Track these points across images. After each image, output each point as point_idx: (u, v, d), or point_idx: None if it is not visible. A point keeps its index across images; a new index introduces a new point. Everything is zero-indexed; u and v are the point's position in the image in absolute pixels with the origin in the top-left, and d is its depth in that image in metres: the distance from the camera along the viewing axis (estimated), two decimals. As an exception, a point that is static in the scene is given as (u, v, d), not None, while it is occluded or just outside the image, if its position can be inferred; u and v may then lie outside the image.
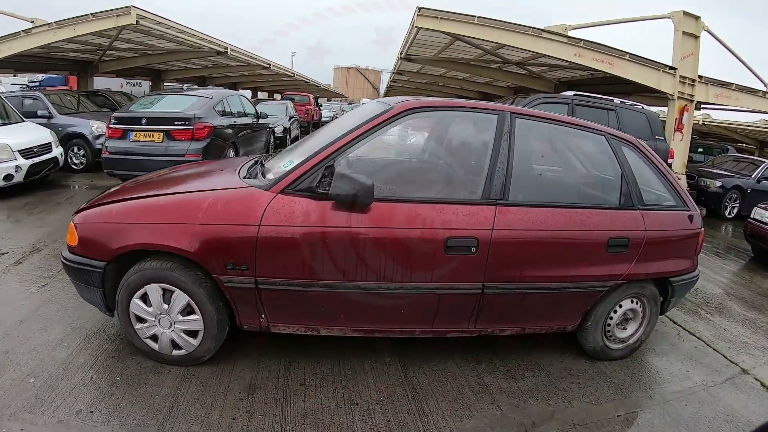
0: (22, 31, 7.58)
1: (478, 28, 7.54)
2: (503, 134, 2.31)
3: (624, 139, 2.65)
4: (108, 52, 11.44)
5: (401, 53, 11.61)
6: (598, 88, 9.16)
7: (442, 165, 2.87)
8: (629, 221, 2.46)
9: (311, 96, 20.05)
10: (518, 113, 2.44)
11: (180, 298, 2.11)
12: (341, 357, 2.45)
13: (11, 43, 7.57)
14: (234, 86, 22.40)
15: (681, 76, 7.33)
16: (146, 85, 18.07)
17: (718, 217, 7.66)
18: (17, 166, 5.48)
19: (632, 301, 2.62)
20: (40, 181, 6.16)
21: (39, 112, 7.10)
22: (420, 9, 7.51)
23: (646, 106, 7.09)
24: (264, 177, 2.21)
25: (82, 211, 2.30)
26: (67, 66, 11.98)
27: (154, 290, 2.12)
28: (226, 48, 12.37)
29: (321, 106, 24.55)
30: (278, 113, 12.74)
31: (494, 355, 2.63)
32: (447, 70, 14.12)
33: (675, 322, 3.38)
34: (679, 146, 7.65)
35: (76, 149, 7.50)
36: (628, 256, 2.44)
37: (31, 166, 5.68)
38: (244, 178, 2.23)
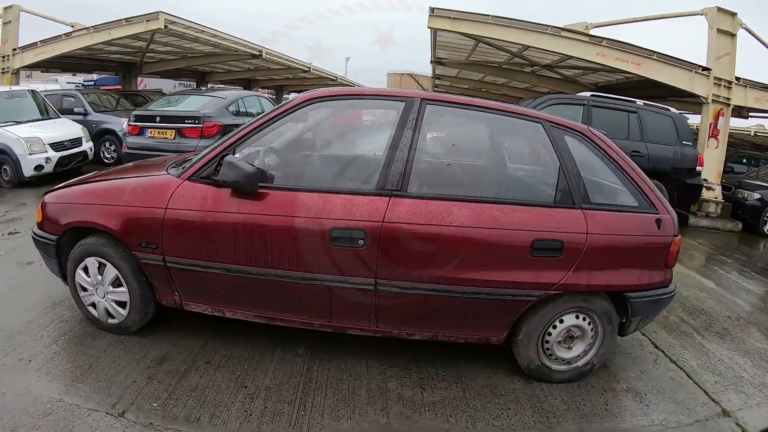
0: (64, 34, 8.64)
1: (494, 27, 7.56)
2: (408, 122, 2.23)
3: (569, 128, 2.37)
4: (149, 54, 12.58)
5: (431, 57, 11.85)
6: (633, 92, 8.82)
7: (344, 155, 2.88)
8: (565, 221, 2.18)
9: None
10: (430, 99, 2.33)
11: (110, 271, 2.45)
12: (257, 343, 2.57)
13: (55, 45, 8.65)
14: (279, 89, 23.60)
15: (716, 78, 6.92)
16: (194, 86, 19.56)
17: (756, 232, 7.12)
18: (47, 158, 6.28)
19: (577, 317, 2.33)
20: (71, 171, 6.99)
21: (75, 110, 8.04)
22: (433, 9, 7.66)
23: (673, 109, 6.78)
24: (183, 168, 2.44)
25: (48, 193, 2.73)
26: (113, 67, 13.31)
27: (92, 263, 2.48)
28: (260, 51, 13.15)
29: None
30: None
31: (413, 362, 2.52)
32: (484, 74, 14.16)
33: (656, 345, 3.01)
34: (714, 154, 7.20)
35: (107, 144, 8.39)
36: (563, 262, 2.17)
37: (61, 158, 6.48)
38: (169, 168, 2.52)
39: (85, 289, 2.58)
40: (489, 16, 7.56)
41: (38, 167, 6.15)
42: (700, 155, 6.68)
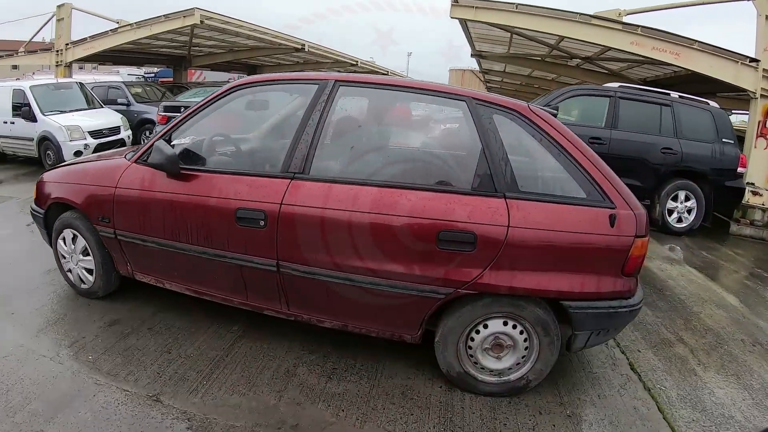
0: (110, 30, 9.62)
1: (520, 16, 7.41)
2: (317, 104, 2.25)
3: (501, 105, 2.15)
4: (196, 48, 13.54)
5: (471, 50, 11.80)
6: (682, 88, 8.23)
7: (263, 139, 3.00)
8: (480, 212, 1.99)
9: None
10: (344, 81, 2.32)
11: (80, 242, 2.86)
12: (199, 317, 2.80)
13: (102, 40, 9.65)
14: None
15: (765, 70, 6.31)
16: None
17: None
18: (86, 144, 7.10)
19: (505, 323, 2.12)
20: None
21: (119, 100, 8.96)
22: (457, -1, 7.66)
23: (714, 103, 6.30)
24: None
25: (45, 173, 3.22)
26: (164, 60, 14.50)
27: (68, 234, 2.91)
28: (303, 44, 13.72)
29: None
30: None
31: (336, 351, 2.53)
32: (531, 69, 13.82)
33: (633, 366, 2.64)
34: (762, 155, 6.58)
35: (147, 133, 9.24)
36: (478, 258, 2.00)
37: (98, 145, 7.28)
38: (127, 153, 2.84)
39: (63, 257, 3.03)
40: (514, 4, 7.42)
41: (77, 153, 6.97)
42: (743, 155, 6.18)
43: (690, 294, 3.93)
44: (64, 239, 2.96)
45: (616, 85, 6.57)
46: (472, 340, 2.17)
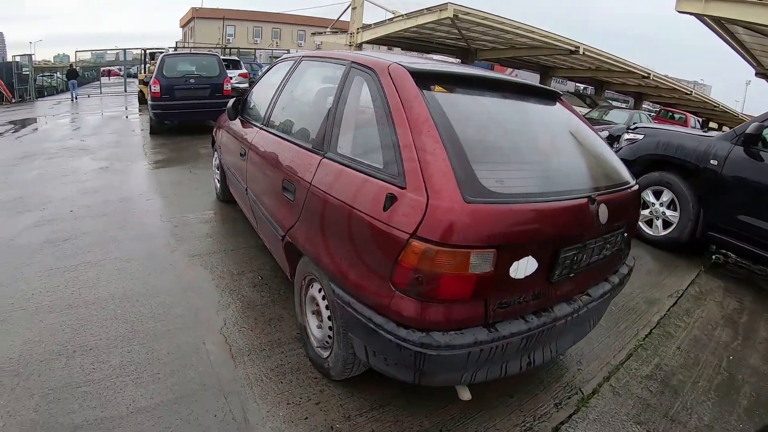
0: (387, 19, 12.72)
1: (754, 8, 6.03)
2: (286, 74, 2.82)
3: (364, 66, 1.99)
4: (478, 41, 15.61)
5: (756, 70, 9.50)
6: None
7: (269, 101, 3.12)
8: (302, 166, 2.08)
9: (690, 116, 17.17)
10: (306, 56, 2.77)
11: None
12: None
13: (381, 27, 12.90)
14: (639, 96, 22.84)
15: None
16: (534, 78, 21.93)
17: None
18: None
19: (319, 291, 2.00)
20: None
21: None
22: (683, -10, 6.83)
23: None
24: None
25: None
26: (454, 51, 17.32)
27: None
28: (577, 47, 13.89)
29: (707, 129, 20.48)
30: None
31: None
32: None
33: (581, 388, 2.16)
34: None
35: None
36: (294, 210, 2.07)
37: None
38: None
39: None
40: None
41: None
42: None
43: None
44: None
45: None
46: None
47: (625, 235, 2.01)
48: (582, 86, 26.30)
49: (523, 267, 1.53)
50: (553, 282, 1.68)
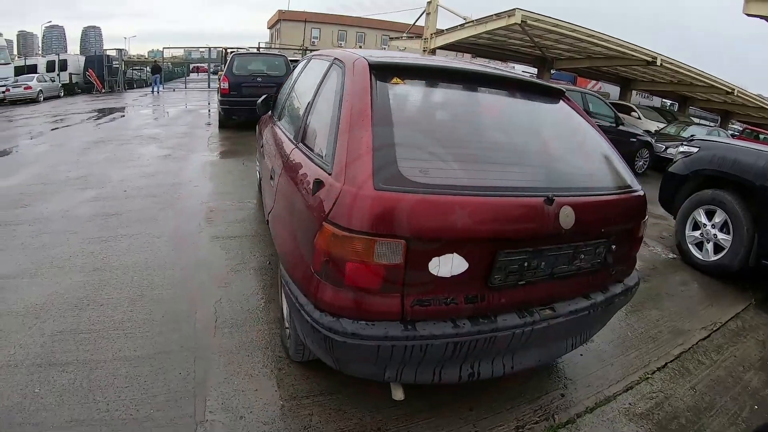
0: (459, 25, 12.62)
1: None
2: (300, 68, 3.15)
3: (341, 61, 2.05)
4: (554, 50, 15.08)
5: None
6: None
7: (286, 100, 3.33)
8: (283, 155, 2.34)
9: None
10: (316, 55, 2.98)
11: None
12: None
13: (454, 33, 12.84)
14: (725, 114, 20.89)
15: None
16: (615, 91, 20.72)
17: None
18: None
19: None
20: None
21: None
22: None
23: None
24: None
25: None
26: (530, 60, 16.84)
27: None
28: (654, 57, 12.99)
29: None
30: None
31: None
32: None
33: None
34: None
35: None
36: (272, 195, 2.42)
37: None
38: None
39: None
40: None
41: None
42: None
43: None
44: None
45: None
46: None
47: (614, 247, 1.83)
48: (669, 102, 24.47)
49: (447, 265, 1.50)
50: (492, 287, 1.60)
